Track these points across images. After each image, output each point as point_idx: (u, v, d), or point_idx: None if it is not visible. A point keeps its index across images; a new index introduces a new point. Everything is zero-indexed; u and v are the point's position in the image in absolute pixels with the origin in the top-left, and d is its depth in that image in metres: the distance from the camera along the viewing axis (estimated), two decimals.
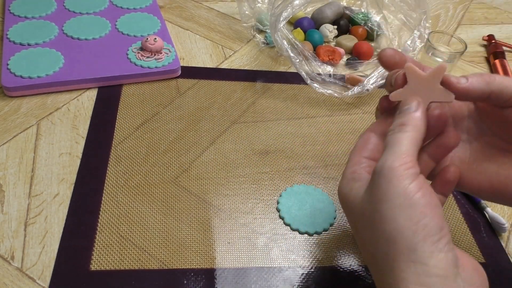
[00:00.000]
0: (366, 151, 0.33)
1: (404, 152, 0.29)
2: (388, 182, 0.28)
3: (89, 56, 0.66)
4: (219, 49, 0.74)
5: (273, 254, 0.47)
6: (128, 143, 0.56)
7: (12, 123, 0.57)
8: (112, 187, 0.51)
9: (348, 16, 0.82)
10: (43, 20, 0.71)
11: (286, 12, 0.63)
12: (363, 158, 0.33)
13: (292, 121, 0.63)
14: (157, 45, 0.66)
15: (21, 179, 0.51)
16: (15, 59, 0.63)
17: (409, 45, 0.66)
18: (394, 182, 0.27)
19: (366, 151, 0.33)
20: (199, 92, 0.65)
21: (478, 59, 0.82)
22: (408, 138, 0.30)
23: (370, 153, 0.33)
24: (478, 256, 0.50)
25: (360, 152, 0.34)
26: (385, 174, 0.28)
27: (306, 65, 0.66)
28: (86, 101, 0.61)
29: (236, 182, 0.54)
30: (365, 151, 0.33)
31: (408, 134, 0.30)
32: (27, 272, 0.43)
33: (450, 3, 0.98)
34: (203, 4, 0.85)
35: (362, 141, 0.34)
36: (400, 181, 0.28)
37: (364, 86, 0.65)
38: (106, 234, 0.46)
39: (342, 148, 0.60)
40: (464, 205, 0.55)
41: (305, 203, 0.52)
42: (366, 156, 0.33)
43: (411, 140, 0.30)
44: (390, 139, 0.30)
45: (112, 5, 0.77)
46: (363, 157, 0.33)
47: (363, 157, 0.33)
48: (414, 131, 0.30)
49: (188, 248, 0.46)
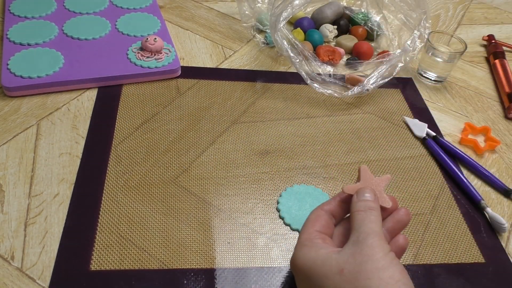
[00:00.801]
0: (318, 226, 0.41)
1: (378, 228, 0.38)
2: (372, 249, 0.36)
3: (89, 56, 0.66)
4: (219, 49, 0.74)
5: (273, 254, 0.47)
6: (128, 143, 0.56)
7: (12, 123, 0.57)
8: (112, 187, 0.51)
9: (348, 16, 0.82)
10: (43, 20, 0.71)
11: (286, 12, 0.63)
12: (315, 231, 0.40)
13: (292, 121, 0.63)
14: (157, 45, 0.66)
15: (21, 179, 0.51)
16: (15, 59, 0.63)
17: (409, 45, 0.66)
18: (376, 249, 0.36)
19: (317, 225, 0.41)
20: (199, 92, 0.65)
21: (478, 59, 0.82)
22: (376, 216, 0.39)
23: (321, 228, 0.40)
24: (478, 256, 0.50)
25: (313, 226, 0.41)
26: (368, 243, 0.36)
27: (306, 65, 0.66)
28: (86, 101, 0.61)
29: (236, 182, 0.54)
30: (316, 225, 0.41)
31: (375, 213, 0.39)
32: (27, 272, 0.43)
33: (450, 3, 0.98)
34: (203, 4, 0.85)
35: (315, 217, 0.41)
36: (381, 250, 0.36)
37: (364, 86, 0.65)
38: (106, 234, 0.46)
39: (342, 148, 0.60)
40: (464, 205, 0.55)
41: (305, 203, 0.52)
42: (317, 229, 0.40)
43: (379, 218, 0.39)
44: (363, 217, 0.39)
45: (112, 5, 0.77)
46: (315, 230, 0.40)
47: (315, 230, 0.40)
48: (377, 211, 0.40)
49: (188, 248, 0.46)
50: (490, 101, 0.73)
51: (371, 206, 0.40)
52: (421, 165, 0.59)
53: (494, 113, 0.70)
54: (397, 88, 0.72)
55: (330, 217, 0.42)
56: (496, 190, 0.58)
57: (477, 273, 0.49)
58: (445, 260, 0.49)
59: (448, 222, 0.53)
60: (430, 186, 0.57)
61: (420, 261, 0.49)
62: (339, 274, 0.36)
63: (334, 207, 0.42)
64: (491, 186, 0.58)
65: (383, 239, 0.37)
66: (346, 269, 0.36)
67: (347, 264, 0.36)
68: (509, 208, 0.56)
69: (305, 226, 0.41)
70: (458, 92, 0.73)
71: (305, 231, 0.40)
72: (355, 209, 0.40)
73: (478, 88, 0.75)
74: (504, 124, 0.69)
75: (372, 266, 0.35)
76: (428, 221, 0.53)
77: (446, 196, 0.56)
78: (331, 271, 0.36)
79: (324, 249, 0.38)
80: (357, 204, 0.40)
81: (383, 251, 0.36)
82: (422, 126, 0.64)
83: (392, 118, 0.66)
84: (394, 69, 0.66)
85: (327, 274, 0.36)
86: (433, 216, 0.53)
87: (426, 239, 0.51)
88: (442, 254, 0.50)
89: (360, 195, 0.41)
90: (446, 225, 0.53)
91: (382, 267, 0.35)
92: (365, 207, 0.40)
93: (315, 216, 0.41)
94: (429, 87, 0.73)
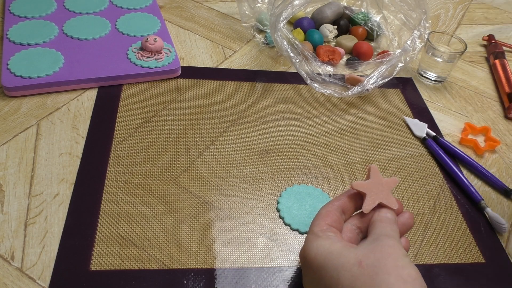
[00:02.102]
0: (328, 219, 0.41)
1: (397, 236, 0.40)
2: (394, 248, 0.37)
3: (89, 56, 0.66)
4: (219, 49, 0.74)
5: (273, 254, 0.47)
6: (128, 143, 0.56)
7: (12, 123, 0.57)
8: (112, 187, 0.51)
9: (348, 16, 0.82)
10: (43, 20, 0.71)
11: (286, 12, 0.63)
12: (327, 225, 0.41)
13: (292, 121, 0.63)
14: (157, 45, 0.66)
15: (21, 179, 0.51)
16: (15, 59, 0.63)
17: (409, 45, 0.66)
18: (397, 249, 0.37)
19: (328, 220, 0.41)
20: (199, 92, 0.65)
21: (478, 59, 0.82)
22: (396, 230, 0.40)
23: (332, 222, 0.41)
24: (478, 256, 0.50)
25: (324, 219, 0.41)
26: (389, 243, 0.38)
27: (306, 65, 0.66)
28: (86, 101, 0.61)
29: (236, 182, 0.54)
30: (328, 219, 0.41)
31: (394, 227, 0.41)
32: (27, 272, 0.43)
33: (450, 3, 0.98)
34: (203, 4, 0.85)
35: (325, 212, 0.42)
36: (401, 250, 0.38)
37: (364, 86, 0.65)
38: (106, 234, 0.46)
39: (342, 148, 0.60)
40: (464, 205, 0.55)
41: (305, 203, 0.52)
42: (328, 223, 0.41)
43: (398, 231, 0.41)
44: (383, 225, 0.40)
45: (112, 5, 0.77)
46: (326, 223, 0.41)
47: (326, 223, 0.41)
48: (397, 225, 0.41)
49: (188, 248, 0.46)
50: (490, 101, 0.73)
51: (392, 221, 0.41)
52: (421, 165, 0.59)
53: (494, 113, 0.70)
54: (397, 88, 0.72)
55: (341, 213, 0.42)
56: (496, 190, 0.58)
57: (477, 273, 0.49)
58: (445, 260, 0.49)
59: (448, 222, 0.53)
60: (430, 186, 0.57)
61: (420, 261, 0.49)
62: (358, 266, 0.36)
63: (344, 203, 0.43)
64: (491, 186, 0.58)
65: (401, 244, 0.39)
66: (365, 262, 0.36)
67: (366, 258, 0.36)
68: (509, 208, 0.56)
69: (317, 219, 0.42)
70: (458, 92, 0.73)
71: (317, 224, 0.41)
72: (377, 219, 0.41)
73: (478, 88, 0.75)
74: (504, 124, 0.69)
75: (392, 263, 0.36)
76: (428, 221, 0.53)
77: (446, 196, 0.56)
78: (349, 263, 0.36)
79: (340, 242, 0.39)
80: (379, 216, 0.41)
81: (402, 252, 0.37)
82: (422, 126, 0.64)
83: (392, 118, 0.66)
84: (394, 69, 0.66)
85: (344, 265, 0.36)
86: (433, 216, 0.53)
87: (426, 239, 0.51)
88: (442, 254, 0.50)
89: (383, 213, 0.42)
90: (446, 225, 0.53)
91: (402, 266, 0.36)
92: (386, 220, 0.41)
93: (326, 211, 0.42)
94: (429, 87, 0.73)
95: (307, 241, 0.40)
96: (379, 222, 0.41)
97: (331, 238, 0.39)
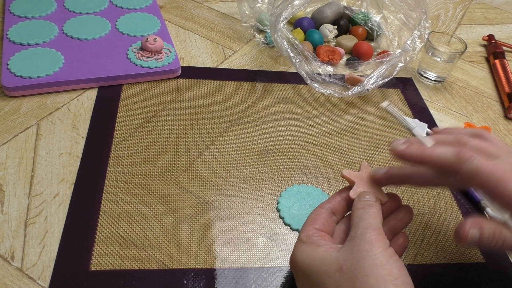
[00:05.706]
0: (317, 224, 0.40)
1: (377, 222, 0.38)
2: (371, 244, 0.36)
3: (89, 56, 0.66)
4: (219, 49, 0.74)
5: (273, 254, 0.47)
6: (128, 143, 0.56)
7: (12, 123, 0.57)
8: (112, 187, 0.51)
9: (348, 16, 0.82)
10: (43, 20, 0.71)
11: (286, 12, 0.63)
12: (314, 229, 0.40)
13: (292, 121, 0.63)
14: (157, 45, 0.66)
15: (21, 179, 0.51)
16: (15, 59, 0.63)
17: (409, 45, 0.66)
18: (375, 244, 0.36)
19: (316, 224, 0.40)
20: (199, 92, 0.65)
21: (478, 59, 0.82)
22: (375, 212, 0.39)
23: (320, 226, 0.40)
24: (478, 256, 0.50)
25: (312, 224, 0.40)
26: (366, 238, 0.36)
27: (306, 65, 0.66)
28: (86, 101, 0.61)
29: (236, 182, 0.54)
30: (316, 224, 0.40)
31: (374, 209, 0.39)
32: (27, 272, 0.43)
33: (450, 3, 0.98)
34: (203, 4, 0.85)
35: (314, 215, 0.41)
36: (380, 245, 0.36)
37: (364, 86, 0.65)
38: (106, 234, 0.46)
39: (342, 148, 0.60)
40: (464, 205, 0.55)
41: (305, 203, 0.52)
42: (316, 227, 0.40)
43: (378, 214, 0.39)
44: (361, 213, 0.39)
45: (112, 5, 0.77)
46: (313, 228, 0.40)
47: (313, 228, 0.40)
48: (377, 207, 0.40)
49: (188, 248, 0.46)
50: (490, 101, 0.73)
51: (371, 204, 0.40)
52: None
53: (494, 113, 0.70)
54: (397, 88, 0.72)
55: (331, 215, 0.42)
56: None
57: (477, 273, 0.49)
58: (445, 260, 0.49)
59: (448, 222, 0.53)
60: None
61: (420, 261, 0.49)
62: (339, 272, 0.35)
63: (334, 204, 0.42)
64: None
65: (381, 233, 0.37)
66: (345, 266, 0.35)
67: (346, 261, 0.36)
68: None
69: (305, 225, 0.41)
70: (458, 92, 0.73)
71: (304, 230, 0.40)
72: (355, 208, 0.40)
73: (478, 88, 0.75)
74: (504, 124, 0.69)
75: (370, 262, 0.35)
76: (428, 221, 0.53)
77: (446, 196, 0.56)
78: (331, 269, 0.36)
79: (323, 246, 0.38)
80: (357, 203, 0.40)
81: (381, 246, 0.36)
82: (422, 126, 0.64)
83: (392, 118, 0.66)
84: (394, 69, 0.66)
85: (327, 272, 0.36)
86: (433, 216, 0.53)
87: (426, 239, 0.51)
88: (442, 254, 0.50)
89: (361, 197, 0.41)
90: (446, 225, 0.53)
91: (381, 264, 0.34)
92: (364, 204, 0.40)
93: (315, 215, 0.41)
94: (429, 87, 0.73)
95: (294, 248, 0.40)
96: (356, 210, 0.40)
97: (315, 243, 0.39)
